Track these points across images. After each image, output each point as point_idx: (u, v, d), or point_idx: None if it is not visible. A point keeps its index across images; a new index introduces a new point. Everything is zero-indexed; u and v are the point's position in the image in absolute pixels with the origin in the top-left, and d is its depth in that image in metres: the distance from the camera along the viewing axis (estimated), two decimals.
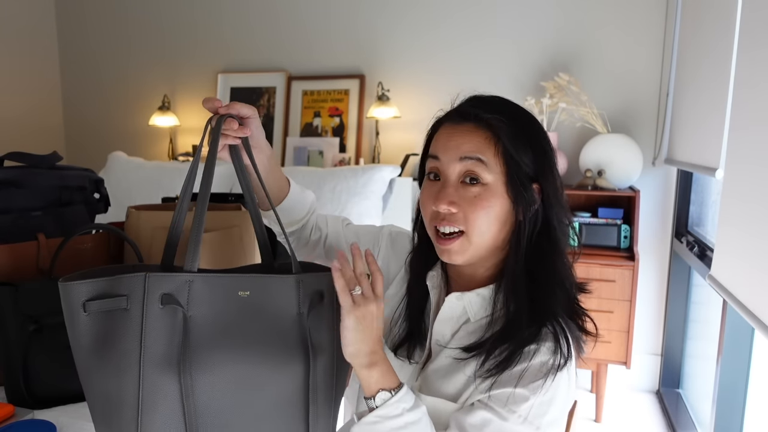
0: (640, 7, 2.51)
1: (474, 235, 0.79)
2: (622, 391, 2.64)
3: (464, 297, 0.83)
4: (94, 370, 0.68)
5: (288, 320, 0.74)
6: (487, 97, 0.84)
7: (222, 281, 0.71)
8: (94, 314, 0.67)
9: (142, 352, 0.67)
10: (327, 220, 1.04)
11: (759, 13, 1.38)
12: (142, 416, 0.67)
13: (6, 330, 0.96)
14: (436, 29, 2.80)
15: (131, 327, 0.67)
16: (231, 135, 0.79)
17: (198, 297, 0.70)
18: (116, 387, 0.67)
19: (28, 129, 3.35)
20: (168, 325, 0.68)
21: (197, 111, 3.26)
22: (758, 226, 1.26)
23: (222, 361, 0.70)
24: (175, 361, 0.68)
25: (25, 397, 0.95)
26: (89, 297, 0.67)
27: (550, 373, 0.74)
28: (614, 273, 2.24)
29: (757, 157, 1.31)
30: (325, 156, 2.88)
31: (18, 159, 1.20)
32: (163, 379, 0.67)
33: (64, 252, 1.05)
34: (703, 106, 1.93)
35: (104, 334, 0.67)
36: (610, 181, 2.36)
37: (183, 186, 0.75)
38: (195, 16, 3.20)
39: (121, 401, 0.67)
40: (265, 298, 0.74)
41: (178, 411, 0.68)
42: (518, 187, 0.78)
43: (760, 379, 1.61)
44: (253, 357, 0.72)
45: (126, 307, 0.67)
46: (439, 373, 0.82)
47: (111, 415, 0.68)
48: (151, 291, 0.68)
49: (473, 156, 0.78)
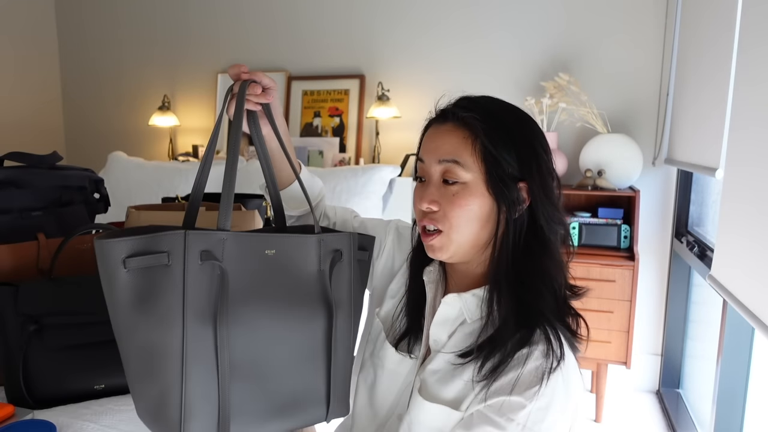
0: (640, 7, 2.51)
1: (452, 232, 0.80)
2: (622, 391, 2.64)
3: (461, 298, 0.84)
4: (135, 326, 0.70)
5: (310, 277, 0.80)
6: (476, 97, 0.84)
7: (251, 239, 0.75)
8: (134, 270, 0.68)
9: (185, 305, 0.69)
10: (336, 209, 1.06)
11: (759, 12, 1.38)
12: (187, 366, 0.69)
13: (6, 330, 0.96)
14: (436, 29, 2.80)
15: (173, 282, 0.69)
16: (253, 101, 0.83)
17: (230, 254, 0.73)
18: (160, 339, 0.69)
19: (28, 129, 3.35)
20: (207, 279, 0.71)
21: (197, 111, 3.27)
22: (758, 226, 1.26)
23: (253, 315, 0.74)
24: (213, 314, 0.71)
25: (25, 397, 0.95)
26: (129, 254, 0.68)
27: (543, 378, 0.73)
28: (614, 273, 2.24)
29: (757, 157, 1.31)
30: (325, 156, 2.88)
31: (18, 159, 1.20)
32: (204, 330, 0.70)
33: (64, 252, 1.05)
34: (703, 105, 1.93)
35: (145, 289, 0.69)
36: (610, 181, 2.36)
37: (206, 149, 0.79)
38: (195, 17, 3.20)
39: (167, 353, 0.69)
40: (290, 256, 0.78)
41: (212, 363, 0.71)
42: (498, 185, 0.78)
43: (760, 379, 1.61)
44: (280, 311, 0.76)
45: (167, 263, 0.69)
46: (436, 376, 0.82)
47: (153, 368, 0.70)
48: (191, 247, 0.70)
49: (450, 158, 0.79)
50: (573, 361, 0.78)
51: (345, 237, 0.83)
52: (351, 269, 0.84)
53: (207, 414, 0.71)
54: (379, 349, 0.92)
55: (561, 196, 0.83)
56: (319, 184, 1.03)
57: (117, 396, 1.00)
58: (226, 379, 0.72)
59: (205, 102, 3.24)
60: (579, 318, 0.81)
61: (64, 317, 0.98)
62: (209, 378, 0.71)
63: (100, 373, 1.00)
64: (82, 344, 0.99)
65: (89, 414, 0.94)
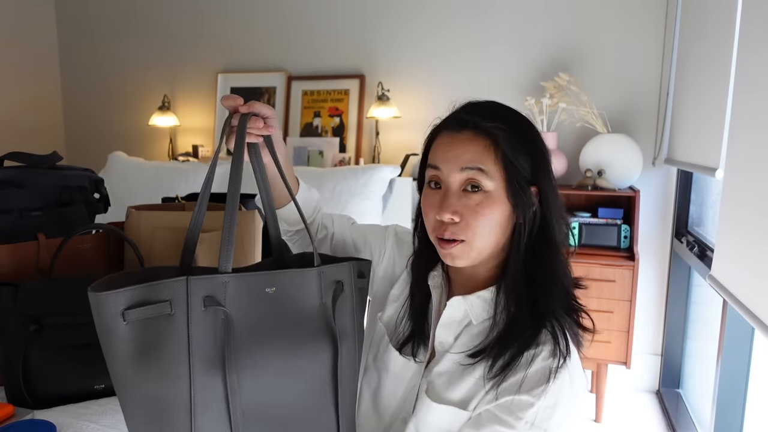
0: (640, 7, 2.51)
1: (475, 241, 0.80)
2: (622, 391, 2.64)
3: (466, 300, 0.84)
4: (136, 379, 0.67)
5: (312, 311, 0.77)
6: (483, 102, 0.84)
7: (251, 280, 0.73)
8: (134, 322, 0.66)
9: (190, 355, 0.67)
10: (333, 218, 1.05)
11: (759, 12, 1.38)
12: (195, 418, 0.67)
13: (6, 330, 0.96)
14: (436, 29, 2.80)
15: (177, 331, 0.67)
16: (255, 134, 0.81)
17: (232, 297, 0.71)
18: (165, 392, 0.67)
19: (28, 129, 3.35)
20: (211, 326, 0.69)
21: (197, 111, 3.27)
22: (758, 227, 1.26)
23: (259, 357, 0.72)
24: (220, 361, 0.69)
25: (25, 397, 0.95)
26: (128, 305, 0.65)
27: (550, 376, 0.74)
28: (614, 273, 2.24)
29: (757, 157, 1.31)
30: (325, 156, 2.88)
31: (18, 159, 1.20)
32: (211, 379, 0.68)
33: (64, 252, 1.05)
34: (703, 105, 1.93)
35: (147, 341, 0.66)
36: (610, 181, 2.36)
37: (203, 184, 0.76)
38: (195, 16, 3.20)
39: (173, 405, 0.67)
40: (290, 292, 0.76)
41: (224, 411, 0.69)
42: (518, 191, 0.79)
43: (760, 379, 1.61)
44: (285, 350, 0.74)
45: (170, 312, 0.67)
46: (444, 377, 0.82)
47: (161, 423, 0.68)
48: (194, 294, 0.68)
49: (474, 166, 0.78)
50: (577, 358, 0.79)
51: (345, 267, 0.82)
52: (353, 299, 0.83)
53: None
54: (383, 353, 0.92)
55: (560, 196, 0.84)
56: (315, 197, 1.01)
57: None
58: (239, 427, 0.70)
59: (205, 102, 3.23)
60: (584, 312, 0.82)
61: (64, 317, 0.98)
62: (220, 427, 0.70)
63: (100, 373, 0.99)
64: (82, 344, 0.99)
65: (89, 414, 0.94)
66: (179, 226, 1.13)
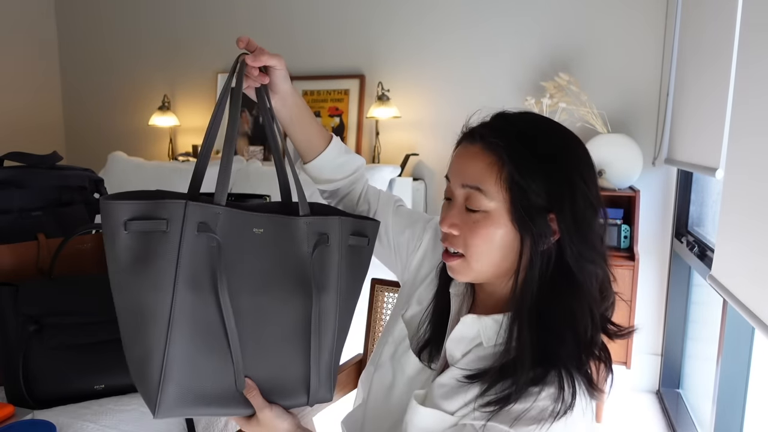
0: (640, 7, 2.51)
1: (472, 259, 0.77)
2: (622, 391, 2.64)
3: (480, 321, 0.80)
4: (129, 286, 0.72)
5: (296, 258, 0.81)
6: (512, 115, 0.79)
7: (241, 217, 0.77)
8: (134, 233, 0.71)
9: (177, 271, 0.72)
10: (379, 196, 1.03)
11: (759, 12, 1.38)
12: (172, 331, 0.72)
13: (6, 330, 0.96)
14: (437, 29, 2.80)
15: (168, 248, 0.72)
16: (251, 80, 0.85)
17: (222, 229, 0.75)
18: (149, 302, 0.72)
19: (28, 129, 3.35)
20: (201, 250, 0.74)
21: (197, 111, 3.27)
22: (758, 226, 1.26)
23: (241, 289, 0.77)
24: (206, 284, 0.74)
25: (25, 397, 0.95)
26: (130, 216, 0.70)
27: (545, 420, 0.69)
28: (614, 273, 2.23)
29: (757, 157, 1.31)
30: None
31: (18, 159, 1.20)
32: (191, 296, 0.73)
33: (64, 252, 1.05)
34: (703, 105, 1.93)
35: (142, 252, 0.71)
36: (610, 181, 2.36)
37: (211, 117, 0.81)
38: (195, 16, 3.20)
39: (154, 316, 0.72)
40: (276, 236, 0.80)
41: (203, 330, 0.74)
42: (522, 216, 0.73)
43: (760, 379, 1.60)
44: (265, 288, 0.79)
45: (165, 229, 0.72)
46: (443, 390, 0.81)
47: (141, 330, 0.73)
48: (189, 218, 0.72)
49: (473, 185, 0.76)
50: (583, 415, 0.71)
51: (334, 221, 0.83)
52: (340, 254, 0.84)
53: (185, 378, 0.74)
54: (402, 354, 0.91)
55: (606, 232, 0.77)
56: (356, 162, 1.00)
57: (117, 396, 1.00)
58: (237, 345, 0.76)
59: (205, 102, 3.23)
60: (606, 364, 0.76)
61: (64, 317, 0.98)
62: (191, 344, 0.74)
63: (100, 373, 1.00)
64: (82, 344, 0.99)
65: (89, 414, 0.94)
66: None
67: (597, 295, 0.76)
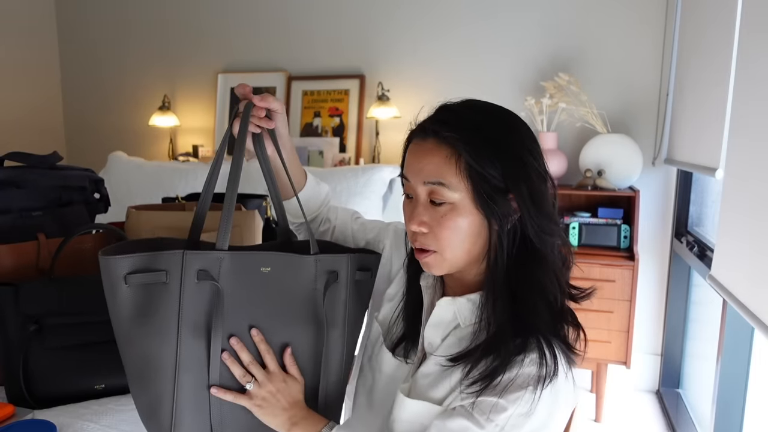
0: (640, 7, 2.51)
1: (446, 252, 0.79)
2: (622, 391, 2.64)
3: (455, 302, 0.83)
4: (133, 337, 0.74)
5: (304, 295, 0.82)
6: (455, 105, 0.81)
7: (247, 258, 0.78)
8: (135, 286, 0.72)
9: (180, 320, 0.74)
10: (337, 211, 1.06)
11: (759, 12, 1.38)
12: (179, 376, 0.74)
13: (6, 330, 0.96)
14: (437, 29, 2.80)
15: (170, 298, 0.73)
16: (255, 123, 0.85)
17: (226, 272, 0.77)
18: (155, 351, 0.74)
19: (29, 129, 3.35)
20: (202, 296, 0.75)
21: (197, 111, 3.27)
22: (758, 226, 1.26)
23: (241, 332, 0.79)
24: (205, 330, 0.75)
25: (25, 397, 0.95)
26: (130, 270, 0.72)
27: (530, 385, 0.72)
28: (614, 273, 2.24)
29: (757, 157, 1.31)
30: (325, 156, 2.88)
31: (18, 159, 1.20)
32: (195, 345, 0.75)
33: (64, 252, 1.05)
34: (703, 105, 1.93)
35: (144, 304, 0.73)
36: (610, 181, 2.36)
37: (211, 166, 0.82)
38: (195, 16, 3.20)
39: (161, 364, 0.74)
40: (285, 274, 0.81)
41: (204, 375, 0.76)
42: (486, 200, 0.75)
43: (760, 379, 1.61)
44: (268, 328, 0.80)
45: (165, 281, 0.73)
46: (428, 379, 0.82)
47: (149, 377, 0.75)
48: (188, 267, 0.74)
49: (434, 180, 0.77)
50: (566, 378, 0.75)
51: (343, 259, 0.85)
52: (347, 290, 0.86)
53: (197, 422, 0.76)
54: (377, 353, 0.92)
55: (556, 199, 0.81)
56: (324, 191, 1.03)
57: (117, 396, 1.00)
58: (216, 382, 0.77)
59: (205, 102, 3.24)
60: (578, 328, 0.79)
61: (64, 317, 0.98)
62: (200, 389, 0.76)
63: (101, 373, 1.00)
64: (82, 344, 0.99)
65: (89, 414, 0.94)
66: (179, 226, 1.13)
67: (560, 264, 0.80)
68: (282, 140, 0.89)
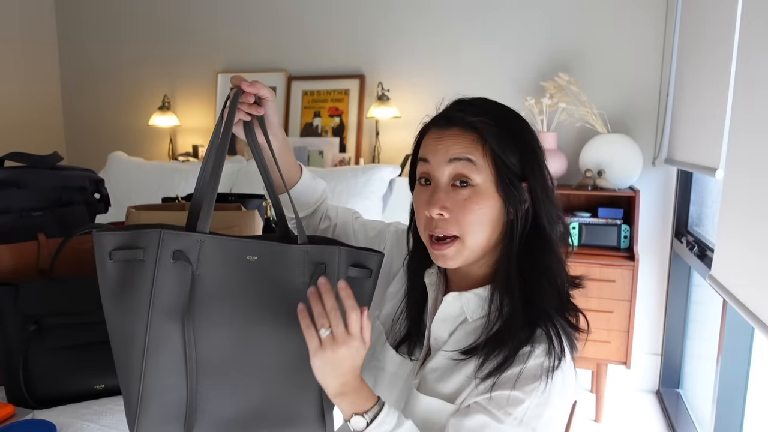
0: (640, 7, 2.51)
1: (468, 238, 0.79)
2: (622, 391, 2.64)
3: (462, 297, 0.84)
4: (114, 313, 0.75)
5: (291, 287, 0.80)
6: (472, 99, 0.84)
7: (232, 244, 0.77)
8: (118, 262, 0.74)
9: (151, 300, 0.73)
10: (338, 210, 1.06)
11: (759, 11, 1.38)
12: (147, 358, 0.73)
13: (6, 330, 0.96)
14: (437, 29, 2.80)
15: (145, 277, 0.73)
16: (244, 110, 0.84)
17: (208, 257, 0.76)
18: (129, 329, 0.74)
19: (29, 129, 3.35)
20: (177, 279, 0.74)
21: (197, 111, 3.27)
22: (758, 227, 1.26)
23: (222, 319, 0.76)
24: (180, 313, 0.74)
25: (25, 397, 0.95)
26: (115, 246, 0.73)
27: (544, 375, 0.74)
28: (614, 273, 2.24)
29: (757, 157, 1.31)
30: (325, 156, 2.88)
31: (18, 159, 1.20)
32: (168, 327, 0.74)
33: (64, 252, 1.05)
34: (703, 106, 1.93)
35: (123, 280, 0.74)
36: (610, 181, 2.36)
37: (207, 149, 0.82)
38: (195, 16, 3.20)
39: (133, 343, 0.74)
40: (272, 264, 0.79)
41: (180, 358, 0.75)
42: (508, 186, 0.78)
43: (760, 379, 1.61)
44: (254, 318, 0.78)
45: (142, 258, 0.73)
46: (436, 373, 0.82)
47: (123, 356, 0.75)
48: (164, 246, 0.74)
49: (463, 156, 0.78)
50: (570, 360, 0.78)
51: (333, 251, 0.82)
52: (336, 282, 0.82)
53: (164, 406, 0.75)
54: (380, 351, 0.92)
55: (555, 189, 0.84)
56: (321, 187, 1.03)
57: (117, 396, 1.00)
58: (194, 374, 0.75)
59: (205, 102, 3.24)
60: (579, 313, 0.82)
61: (64, 317, 0.98)
62: (168, 373, 0.75)
63: (100, 373, 1.00)
64: (82, 344, 0.99)
65: (89, 414, 0.94)
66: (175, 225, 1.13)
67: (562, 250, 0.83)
68: (272, 129, 0.88)
